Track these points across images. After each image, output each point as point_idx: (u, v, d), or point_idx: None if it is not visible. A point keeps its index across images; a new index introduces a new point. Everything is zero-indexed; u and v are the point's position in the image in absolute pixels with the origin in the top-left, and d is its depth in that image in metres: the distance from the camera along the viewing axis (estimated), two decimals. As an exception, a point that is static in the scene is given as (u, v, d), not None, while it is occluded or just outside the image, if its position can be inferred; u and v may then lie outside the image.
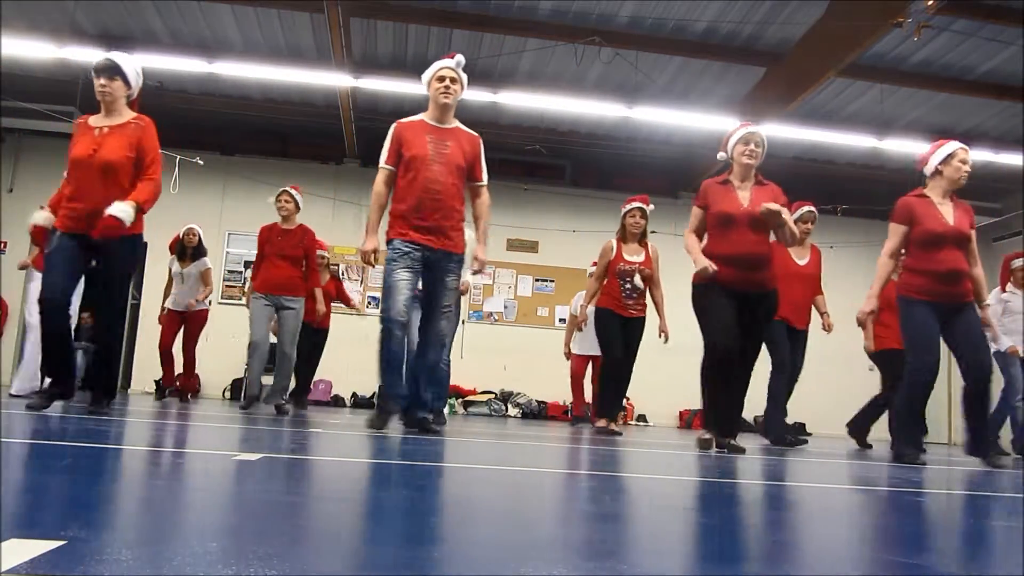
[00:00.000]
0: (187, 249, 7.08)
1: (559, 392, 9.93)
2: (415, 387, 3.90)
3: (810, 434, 10.61)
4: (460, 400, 10.44)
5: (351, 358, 9.50)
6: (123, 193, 3.60)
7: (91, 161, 3.61)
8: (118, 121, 3.73)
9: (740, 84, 8.87)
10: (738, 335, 3.91)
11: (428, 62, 9.57)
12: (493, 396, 10.53)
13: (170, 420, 4.03)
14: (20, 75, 8.75)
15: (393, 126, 3.93)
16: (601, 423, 5.66)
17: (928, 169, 4.20)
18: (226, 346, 9.44)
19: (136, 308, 10.38)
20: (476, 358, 10.79)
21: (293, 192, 5.94)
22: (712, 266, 3.85)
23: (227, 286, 10.44)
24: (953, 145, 4.17)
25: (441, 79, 3.92)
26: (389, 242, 3.80)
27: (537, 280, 11.22)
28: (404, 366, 3.92)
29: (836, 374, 10.83)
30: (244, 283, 7.70)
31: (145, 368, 9.98)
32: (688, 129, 9.38)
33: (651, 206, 5.71)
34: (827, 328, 5.87)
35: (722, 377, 3.95)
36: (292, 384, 6.23)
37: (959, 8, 6.91)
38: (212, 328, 5.76)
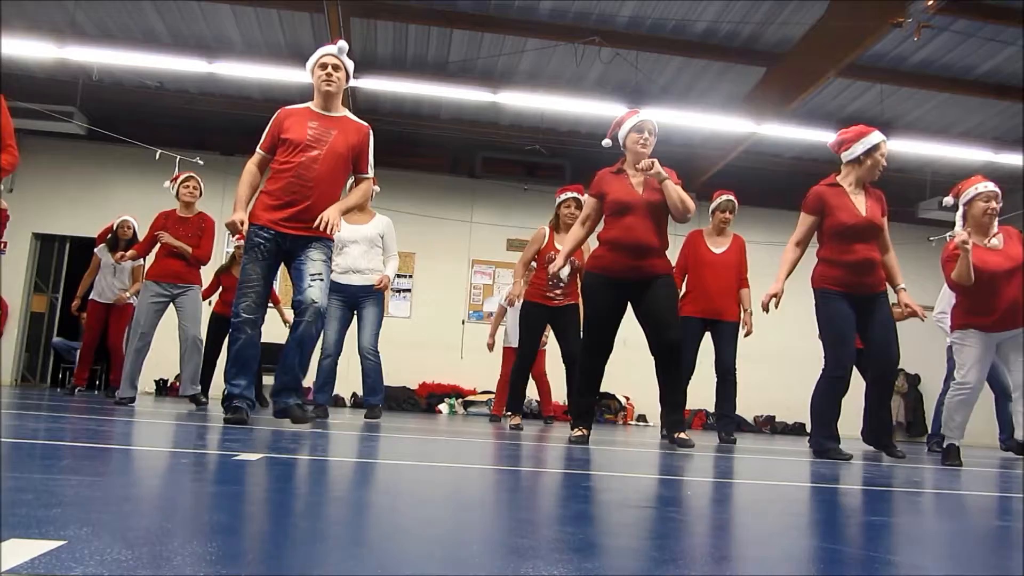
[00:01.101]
0: (120, 241, 6.96)
1: (558, 392, 9.92)
2: (291, 365, 3.72)
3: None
4: (460, 400, 10.44)
5: (353, 359, 9.50)
6: None
7: None
8: None
9: (740, 84, 8.87)
10: (612, 326, 4.00)
11: (428, 62, 9.57)
12: (493, 396, 10.53)
13: (169, 420, 4.03)
14: (20, 75, 8.75)
15: (277, 112, 3.83)
16: (515, 420, 5.57)
17: (848, 155, 4.08)
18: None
19: (134, 309, 10.38)
20: (476, 358, 10.79)
21: (198, 179, 5.81)
22: (562, 266, 4.16)
23: (227, 286, 10.44)
24: (878, 136, 4.07)
25: (323, 66, 3.79)
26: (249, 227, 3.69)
27: (537, 280, 11.25)
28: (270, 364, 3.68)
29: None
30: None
31: (144, 368, 9.96)
32: (688, 129, 9.38)
33: (585, 195, 5.52)
34: (746, 327, 5.51)
35: (594, 367, 4.05)
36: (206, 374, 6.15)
37: (959, 8, 6.91)
38: (204, 328, 5.85)
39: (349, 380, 10.22)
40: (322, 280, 3.67)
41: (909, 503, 2.26)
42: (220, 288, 7.01)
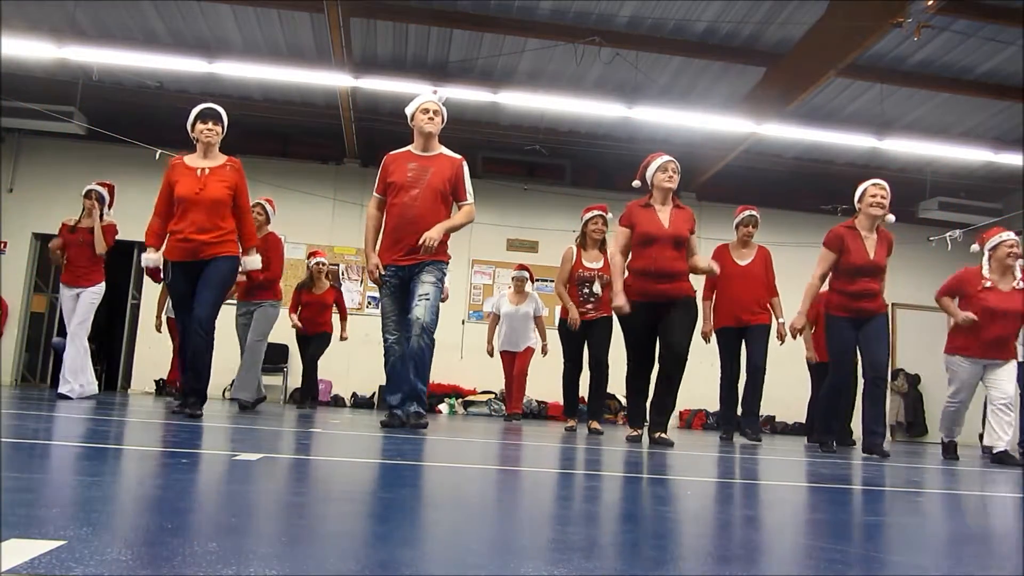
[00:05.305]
0: None
1: (559, 392, 9.95)
2: (407, 377, 4.15)
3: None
4: (460, 400, 10.44)
5: (351, 358, 9.51)
6: (224, 225, 4.19)
7: (199, 199, 4.14)
8: (215, 163, 4.30)
9: (740, 84, 8.87)
10: (651, 341, 4.48)
11: (428, 62, 9.56)
12: (493, 396, 10.53)
13: (169, 420, 4.02)
14: (20, 75, 8.75)
15: (385, 157, 4.39)
16: (571, 423, 6.11)
17: (857, 205, 4.84)
18: (228, 346, 9.44)
19: (136, 308, 10.38)
20: (476, 358, 10.78)
21: (266, 204, 6.12)
22: (626, 307, 4.38)
23: (227, 286, 10.44)
24: (865, 184, 4.82)
25: (425, 111, 4.32)
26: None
27: (537, 280, 11.20)
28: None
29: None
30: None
31: (146, 368, 9.99)
32: (688, 129, 9.37)
33: (610, 214, 5.94)
34: (779, 336, 5.85)
35: (643, 378, 4.53)
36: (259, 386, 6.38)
37: (959, 8, 6.90)
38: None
39: (350, 381, 10.28)
40: (428, 300, 4.11)
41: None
42: (300, 306, 7.27)
